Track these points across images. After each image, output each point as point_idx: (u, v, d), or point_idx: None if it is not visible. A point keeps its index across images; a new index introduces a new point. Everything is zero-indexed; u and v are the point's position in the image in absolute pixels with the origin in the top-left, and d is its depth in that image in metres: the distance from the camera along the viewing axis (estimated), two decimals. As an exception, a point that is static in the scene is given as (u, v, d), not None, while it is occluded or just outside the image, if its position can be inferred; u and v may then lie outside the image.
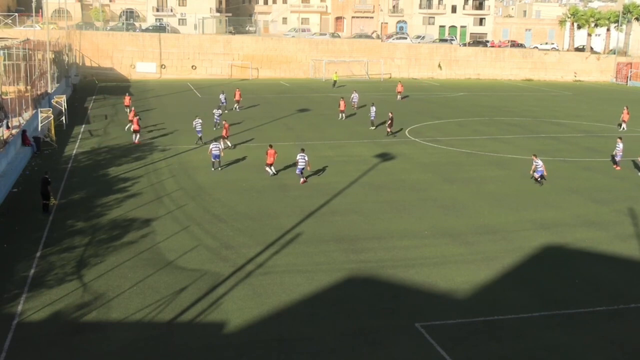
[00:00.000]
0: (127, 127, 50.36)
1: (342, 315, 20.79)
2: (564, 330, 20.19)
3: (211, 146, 38.72)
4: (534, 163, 37.30)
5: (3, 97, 43.35)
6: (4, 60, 49.65)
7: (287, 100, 70.70)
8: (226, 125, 45.86)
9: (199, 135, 46.41)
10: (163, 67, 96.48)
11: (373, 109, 55.40)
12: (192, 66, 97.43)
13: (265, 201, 32.82)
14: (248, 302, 21.44)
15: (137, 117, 48.02)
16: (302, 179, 36.18)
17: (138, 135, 46.87)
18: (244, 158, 42.26)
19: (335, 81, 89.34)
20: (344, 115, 58.95)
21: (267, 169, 37.66)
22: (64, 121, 53.55)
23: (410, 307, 21.51)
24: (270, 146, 38.04)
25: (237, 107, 64.13)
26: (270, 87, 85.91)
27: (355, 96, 65.55)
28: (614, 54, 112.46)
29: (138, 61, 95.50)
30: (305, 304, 21.56)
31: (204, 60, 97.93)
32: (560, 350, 18.95)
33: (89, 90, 78.44)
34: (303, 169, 35.88)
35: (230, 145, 45.15)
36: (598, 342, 19.60)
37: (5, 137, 38.12)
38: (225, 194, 33.69)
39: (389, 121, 51.59)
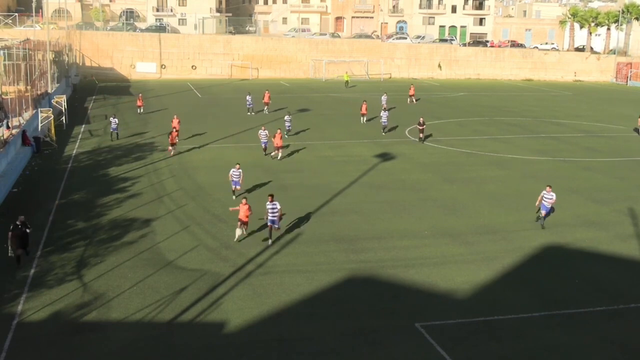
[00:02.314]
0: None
1: (342, 315, 20.79)
2: (564, 330, 20.18)
3: (231, 171, 33.27)
4: (545, 196, 29.22)
5: (3, 97, 43.36)
6: (4, 60, 49.68)
7: (287, 100, 70.68)
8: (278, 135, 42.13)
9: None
10: (163, 67, 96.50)
11: (385, 114, 52.98)
12: (192, 66, 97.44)
13: (265, 201, 32.72)
14: (248, 302, 21.44)
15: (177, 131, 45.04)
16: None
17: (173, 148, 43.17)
18: (243, 158, 42.21)
19: (347, 81, 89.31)
20: (365, 118, 57.07)
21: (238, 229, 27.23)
22: (64, 121, 53.57)
23: (410, 307, 21.51)
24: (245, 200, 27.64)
25: (267, 109, 62.23)
26: (270, 87, 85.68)
27: (384, 98, 62.98)
28: (614, 54, 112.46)
29: (138, 61, 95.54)
30: (305, 304, 21.56)
31: (204, 60, 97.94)
32: (560, 350, 18.95)
33: (89, 90, 78.45)
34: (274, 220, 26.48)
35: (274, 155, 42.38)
36: (598, 342, 19.59)
37: (5, 137, 38.12)
38: (225, 194, 33.66)
39: (421, 127, 48.70)
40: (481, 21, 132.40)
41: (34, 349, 18.31)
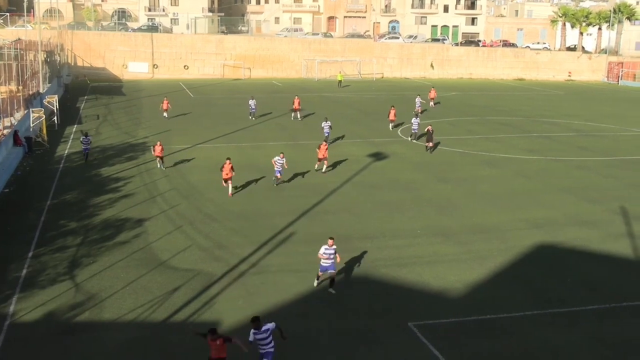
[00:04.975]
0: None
1: (334, 315, 20.80)
2: (555, 329, 20.25)
3: (275, 159, 35.48)
4: None
5: (-6, 97, 43.17)
6: (-4, 60, 49.47)
7: (280, 100, 70.63)
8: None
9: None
10: (155, 67, 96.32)
11: (416, 120, 49.38)
12: (185, 66, 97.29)
13: (258, 201, 32.82)
14: (241, 301, 21.41)
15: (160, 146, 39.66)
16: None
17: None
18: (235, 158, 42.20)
19: (340, 81, 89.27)
20: (392, 125, 54.32)
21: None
22: (56, 121, 53.42)
23: (403, 307, 21.53)
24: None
25: (299, 115, 58.70)
26: (262, 86, 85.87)
27: (418, 101, 62.16)
28: (606, 53, 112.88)
29: (130, 61, 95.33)
30: (298, 304, 21.57)
31: (197, 60, 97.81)
32: (552, 349, 19.01)
33: (81, 90, 78.24)
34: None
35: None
36: (590, 340, 19.67)
37: (-4, 137, 37.99)
38: (218, 193, 33.66)
39: (429, 135, 45.61)
40: (473, 21, 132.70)
41: (27, 350, 18.25)
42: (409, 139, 49.05)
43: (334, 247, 22.13)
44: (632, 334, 20.17)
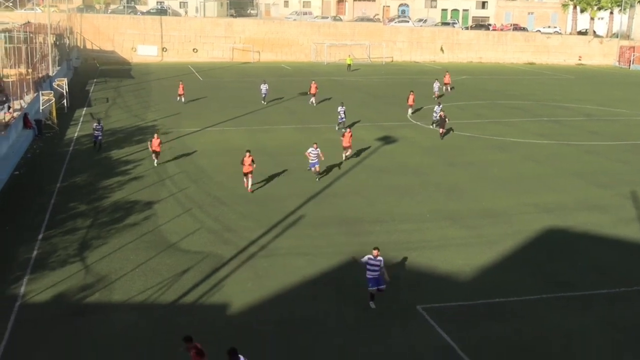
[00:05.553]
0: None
1: (343, 298, 20.83)
2: (566, 313, 20.22)
3: (309, 150, 33.33)
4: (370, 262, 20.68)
5: (4, 80, 43.31)
6: (5, 43, 49.58)
7: (290, 83, 70.49)
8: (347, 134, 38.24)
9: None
10: (164, 50, 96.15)
11: (438, 108, 46.78)
12: (194, 49, 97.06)
13: (267, 184, 32.82)
14: (250, 284, 21.47)
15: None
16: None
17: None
18: (244, 142, 42.19)
19: (349, 65, 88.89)
20: (411, 110, 53.24)
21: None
22: (66, 104, 53.45)
23: (412, 290, 21.54)
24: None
25: (313, 100, 57.56)
26: (272, 70, 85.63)
27: (436, 86, 61.89)
28: (617, 37, 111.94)
29: (139, 44, 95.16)
30: (307, 286, 21.60)
31: (206, 44, 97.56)
32: (563, 332, 18.99)
33: (90, 73, 78.21)
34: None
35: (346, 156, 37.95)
36: (600, 324, 19.64)
37: (6, 120, 38.11)
38: (227, 177, 33.67)
39: (441, 121, 44.48)
40: (483, 4, 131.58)
41: (37, 331, 18.37)
42: (432, 126, 47.96)
43: (380, 258, 20.04)
44: (641, 318, 20.11)
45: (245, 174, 31.26)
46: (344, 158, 37.45)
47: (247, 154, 31.07)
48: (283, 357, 17.42)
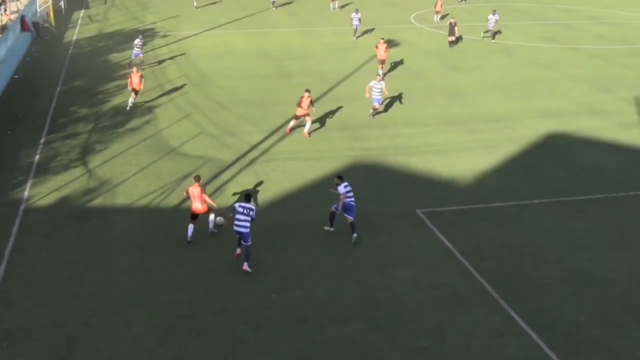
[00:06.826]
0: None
1: (344, 202, 21.00)
2: (564, 217, 20.45)
3: (371, 84, 28.47)
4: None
5: (-1, -19, 42.24)
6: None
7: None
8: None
9: None
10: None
11: (494, 17, 44.10)
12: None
13: (268, 88, 32.60)
14: (251, 188, 21.66)
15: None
16: None
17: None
18: (244, 45, 41.63)
19: None
20: (438, 17, 50.77)
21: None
22: (63, 6, 52.48)
23: (412, 194, 21.73)
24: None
25: (337, 5, 55.22)
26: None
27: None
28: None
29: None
30: (308, 191, 21.79)
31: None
32: (560, 235, 19.25)
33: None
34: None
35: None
36: (597, 228, 19.88)
37: (3, 22, 37.48)
38: (228, 80, 33.42)
39: (451, 28, 42.20)
40: None
41: (41, 234, 18.66)
42: (482, 35, 45.48)
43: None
44: (639, 222, 20.35)
45: (300, 116, 26.38)
46: (380, 74, 31.83)
47: (307, 94, 25.95)
48: (284, 258, 17.70)
